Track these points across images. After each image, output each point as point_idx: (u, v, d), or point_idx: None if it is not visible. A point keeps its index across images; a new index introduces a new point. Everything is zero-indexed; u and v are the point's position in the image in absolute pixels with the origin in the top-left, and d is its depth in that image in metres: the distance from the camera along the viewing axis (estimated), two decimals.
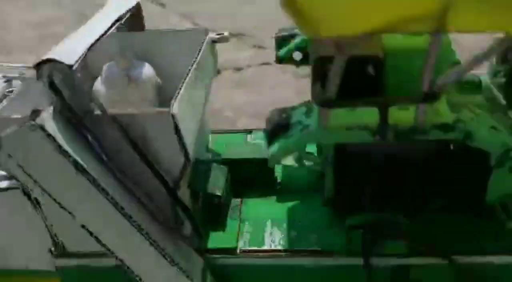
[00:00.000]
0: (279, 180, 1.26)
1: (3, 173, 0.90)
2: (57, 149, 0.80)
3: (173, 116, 0.87)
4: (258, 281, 1.10)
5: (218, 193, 1.12)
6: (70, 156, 0.81)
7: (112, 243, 0.87)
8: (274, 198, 1.21)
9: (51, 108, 0.84)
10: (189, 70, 1.07)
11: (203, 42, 1.22)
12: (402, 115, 0.94)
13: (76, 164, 0.80)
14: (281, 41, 1.29)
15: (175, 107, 0.90)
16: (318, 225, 1.12)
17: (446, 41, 1.05)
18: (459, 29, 0.79)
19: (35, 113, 0.79)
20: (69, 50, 0.91)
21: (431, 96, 0.90)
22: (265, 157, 1.12)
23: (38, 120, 0.79)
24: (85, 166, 0.83)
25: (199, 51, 1.16)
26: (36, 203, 0.86)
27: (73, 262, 0.92)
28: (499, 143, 0.98)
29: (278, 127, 1.07)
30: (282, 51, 1.30)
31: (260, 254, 1.08)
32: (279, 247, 1.09)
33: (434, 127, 0.98)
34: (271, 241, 1.10)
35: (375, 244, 1.00)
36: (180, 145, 0.90)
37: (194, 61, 1.11)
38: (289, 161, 1.07)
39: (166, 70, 1.12)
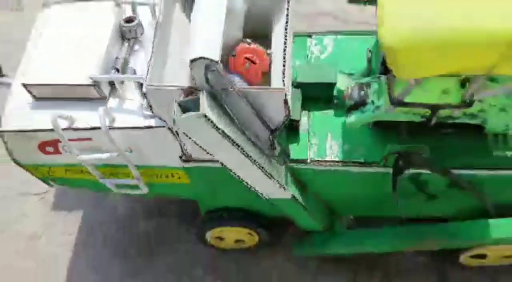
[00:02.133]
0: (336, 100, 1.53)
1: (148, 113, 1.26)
2: (213, 126, 1.14)
3: (285, 94, 1.18)
4: (322, 181, 1.48)
5: (296, 118, 1.43)
6: (219, 129, 1.15)
7: (233, 167, 1.31)
8: (333, 113, 1.49)
9: (205, 96, 1.13)
10: (285, 40, 1.27)
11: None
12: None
13: (223, 133, 1.16)
14: None
15: (286, 85, 1.19)
16: (366, 142, 1.43)
17: None
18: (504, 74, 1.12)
19: (192, 93, 1.12)
20: (210, 45, 1.13)
21: (468, 104, 1.22)
22: (328, 80, 1.45)
23: (201, 110, 1.10)
24: (226, 130, 1.18)
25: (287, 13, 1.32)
26: (176, 134, 1.26)
27: (194, 164, 1.38)
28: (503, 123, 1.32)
29: (356, 103, 1.33)
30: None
31: (323, 163, 1.42)
32: (336, 158, 1.41)
33: (464, 115, 1.30)
34: (331, 152, 1.42)
35: (402, 169, 1.37)
36: (286, 109, 1.21)
37: (286, 26, 1.29)
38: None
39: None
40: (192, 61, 1.09)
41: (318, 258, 1.75)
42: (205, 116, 1.10)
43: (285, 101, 1.19)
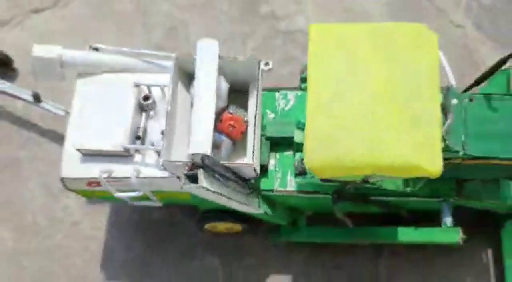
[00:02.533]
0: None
1: None
2: (208, 190, 1.70)
3: (254, 168, 1.78)
4: (285, 200, 2.03)
5: (265, 163, 1.96)
6: (212, 191, 1.71)
7: (223, 203, 1.86)
8: (292, 155, 1.98)
9: (201, 172, 1.68)
10: (255, 115, 1.82)
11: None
12: None
13: (214, 192, 1.73)
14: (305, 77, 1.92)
15: (255, 161, 1.77)
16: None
17: None
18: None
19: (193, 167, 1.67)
20: (204, 142, 1.67)
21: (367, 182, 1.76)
22: (289, 135, 1.92)
23: (200, 183, 1.66)
24: (216, 190, 1.74)
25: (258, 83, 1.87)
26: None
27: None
28: None
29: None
30: (304, 86, 1.94)
31: (284, 191, 1.96)
32: (293, 189, 1.96)
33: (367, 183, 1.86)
34: (290, 184, 1.95)
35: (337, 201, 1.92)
36: (255, 173, 1.81)
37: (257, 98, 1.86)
38: None
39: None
40: (192, 153, 1.67)
41: None
42: (203, 187, 1.69)
43: (254, 170, 1.80)
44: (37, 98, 2.44)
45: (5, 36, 2.89)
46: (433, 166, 1.51)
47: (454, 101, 1.65)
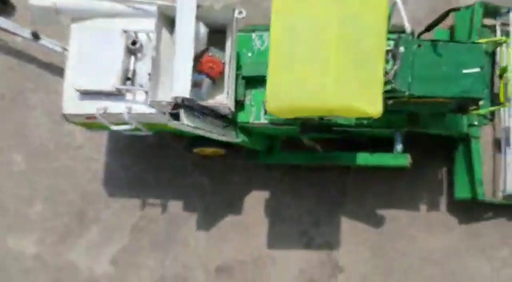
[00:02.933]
0: None
1: None
2: (188, 126, 2.00)
3: (228, 107, 2.08)
4: (260, 130, 2.36)
5: (241, 99, 2.25)
6: (192, 126, 2.02)
7: (205, 134, 2.16)
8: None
9: (182, 111, 1.98)
10: (230, 59, 2.07)
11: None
12: None
13: (195, 127, 2.04)
14: None
15: (229, 101, 2.06)
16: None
17: None
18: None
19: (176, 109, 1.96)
20: (184, 85, 1.93)
21: None
22: (262, 74, 2.06)
23: (181, 120, 1.96)
24: (197, 125, 2.04)
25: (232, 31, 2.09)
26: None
27: None
28: None
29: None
30: None
31: (258, 124, 2.29)
32: (265, 121, 2.27)
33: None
34: (263, 117, 2.26)
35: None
36: (230, 111, 2.13)
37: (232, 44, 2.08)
38: None
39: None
40: (175, 96, 1.95)
41: None
42: (183, 123, 1.99)
43: (229, 108, 2.08)
44: (36, 36, 2.68)
45: None
46: (373, 108, 1.81)
47: (402, 49, 1.90)
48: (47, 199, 2.83)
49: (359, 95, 1.80)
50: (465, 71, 1.94)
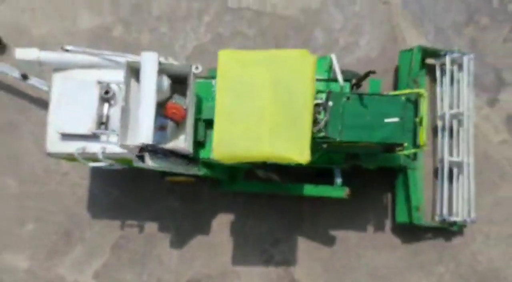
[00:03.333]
0: None
1: None
2: (153, 167, 2.31)
3: (188, 150, 2.38)
4: (220, 165, 2.50)
5: (202, 140, 2.51)
6: (156, 167, 2.31)
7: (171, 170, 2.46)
8: None
9: (147, 155, 2.26)
10: (188, 106, 2.37)
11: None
12: None
13: (159, 167, 2.33)
14: None
15: (187, 145, 2.36)
16: None
17: None
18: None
19: (142, 150, 2.25)
20: (148, 133, 2.20)
21: None
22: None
23: (146, 162, 2.24)
24: (161, 166, 2.33)
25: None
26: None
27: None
28: None
29: None
30: None
31: (216, 160, 2.46)
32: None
33: None
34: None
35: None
36: (190, 151, 2.41)
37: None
38: None
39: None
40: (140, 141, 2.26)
41: None
42: (148, 164, 2.30)
43: (188, 151, 2.39)
44: (25, 77, 3.00)
45: None
46: (302, 157, 2.13)
47: (330, 103, 2.23)
48: (38, 220, 3.12)
49: (289, 146, 2.13)
50: (386, 120, 2.24)
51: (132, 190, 3.14)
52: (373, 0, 3.23)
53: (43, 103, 3.19)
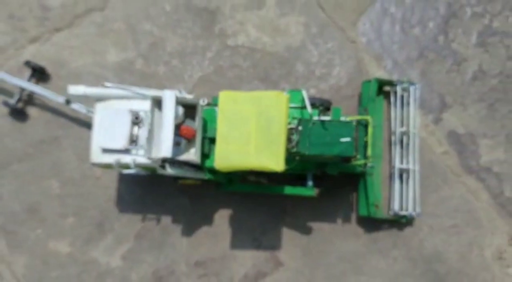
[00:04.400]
0: None
1: None
2: (173, 173, 2.92)
3: (196, 161, 2.95)
4: (220, 172, 2.94)
5: (207, 153, 3.08)
6: (174, 174, 2.90)
7: (183, 175, 2.97)
8: None
9: (167, 164, 3.00)
10: (197, 128, 2.96)
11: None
12: None
13: (176, 174, 2.97)
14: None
15: (196, 157, 2.97)
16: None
17: None
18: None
19: (163, 162, 2.92)
20: (167, 147, 2.80)
21: None
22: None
23: (167, 170, 2.89)
24: (177, 173, 2.97)
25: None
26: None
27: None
28: None
29: None
30: None
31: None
32: None
33: None
34: None
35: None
36: (198, 162, 2.95)
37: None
38: None
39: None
40: (162, 155, 3.10)
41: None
42: (168, 172, 3.10)
43: (197, 161, 3.20)
44: (68, 102, 3.86)
45: (37, 50, 3.88)
46: (278, 166, 2.90)
47: (300, 128, 3.09)
48: (76, 214, 3.69)
49: (269, 159, 2.91)
50: (341, 140, 3.02)
51: (151, 191, 3.69)
52: (342, 39, 3.94)
53: (80, 122, 3.90)
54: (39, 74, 4.00)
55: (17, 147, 3.98)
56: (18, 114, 3.98)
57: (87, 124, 3.93)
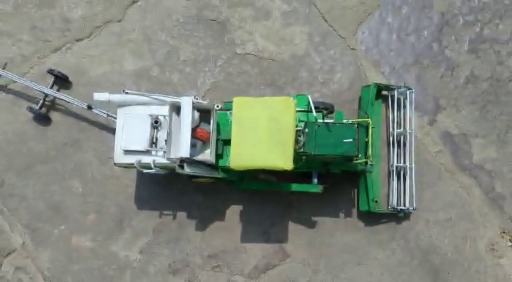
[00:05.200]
0: None
1: None
2: (191, 173, 3.26)
3: (212, 161, 3.29)
4: (232, 170, 3.23)
5: (220, 152, 3.44)
6: (192, 172, 3.30)
7: (201, 173, 3.31)
8: None
9: (186, 164, 3.20)
10: (212, 130, 3.30)
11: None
12: None
13: (194, 172, 3.34)
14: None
15: (211, 157, 3.29)
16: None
17: None
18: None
19: (182, 162, 3.23)
20: (185, 148, 3.11)
21: None
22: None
23: (185, 169, 3.19)
24: (195, 172, 3.31)
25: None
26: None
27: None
28: None
29: None
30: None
31: (229, 167, 3.19)
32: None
33: None
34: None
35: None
36: (213, 161, 3.34)
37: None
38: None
39: None
40: (181, 155, 3.42)
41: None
42: (187, 171, 3.42)
43: (211, 161, 3.50)
44: (89, 107, 4.17)
45: (59, 59, 4.16)
46: (287, 165, 3.26)
47: (306, 130, 3.42)
48: (97, 212, 3.95)
49: (279, 159, 3.21)
50: (344, 140, 3.29)
51: (167, 188, 3.92)
52: (343, 47, 4.22)
53: (100, 125, 4.17)
54: (61, 81, 4.31)
55: (41, 150, 4.16)
56: (42, 119, 4.18)
57: (106, 128, 4.26)
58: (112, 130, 3.81)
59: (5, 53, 4.20)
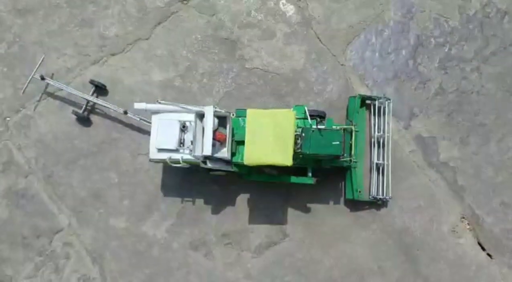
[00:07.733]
0: None
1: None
2: (212, 167, 4.15)
3: (228, 158, 4.18)
4: (243, 165, 3.98)
5: (234, 151, 4.12)
6: (213, 167, 4.10)
7: (219, 167, 4.06)
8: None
9: (208, 161, 4.02)
10: (228, 133, 4.05)
11: None
12: None
13: (214, 166, 4.10)
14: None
15: (227, 155, 4.08)
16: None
17: None
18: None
19: (205, 159, 4.00)
20: (207, 147, 3.80)
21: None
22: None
23: (208, 165, 3.96)
24: (215, 166, 4.06)
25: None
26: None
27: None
28: None
29: None
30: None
31: (242, 163, 3.89)
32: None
33: None
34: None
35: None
36: (228, 158, 4.03)
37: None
38: None
39: None
40: (204, 153, 4.34)
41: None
42: (208, 165, 4.31)
43: (228, 158, 4.42)
44: (125, 112, 5.11)
45: (97, 70, 4.76)
46: (288, 162, 4.17)
47: (303, 134, 4.37)
48: (130, 198, 4.59)
49: (282, 156, 3.99)
50: (333, 143, 4.07)
51: (189, 179, 4.55)
52: (335, 64, 4.82)
53: (133, 127, 4.75)
54: (100, 89, 5.20)
55: (84, 146, 4.81)
56: (84, 121, 4.84)
57: (138, 129, 5.14)
58: (143, 131, 4.76)
59: (52, 66, 4.82)
